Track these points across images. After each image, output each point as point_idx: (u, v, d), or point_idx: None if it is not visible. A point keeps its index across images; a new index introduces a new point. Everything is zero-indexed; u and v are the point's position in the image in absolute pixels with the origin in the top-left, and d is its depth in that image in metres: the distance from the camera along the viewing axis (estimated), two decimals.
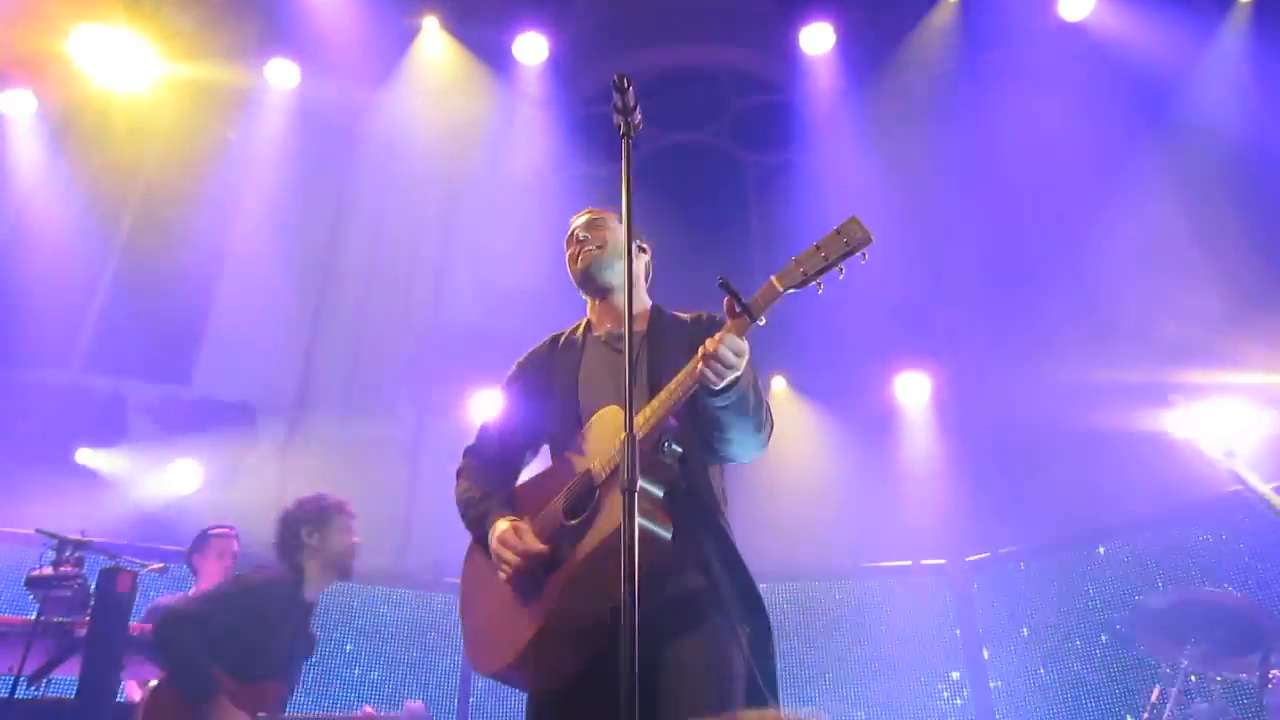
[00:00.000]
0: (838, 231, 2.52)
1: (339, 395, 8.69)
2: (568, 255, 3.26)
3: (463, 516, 2.96)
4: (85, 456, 7.48)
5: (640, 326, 3.01)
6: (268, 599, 4.19)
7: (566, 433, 2.84)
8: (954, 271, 8.74)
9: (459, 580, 2.94)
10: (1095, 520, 7.06)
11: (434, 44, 9.05)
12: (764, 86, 10.16)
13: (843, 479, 7.92)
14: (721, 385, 2.48)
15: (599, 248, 3.13)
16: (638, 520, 2.22)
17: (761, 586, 2.62)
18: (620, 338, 2.98)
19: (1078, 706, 6.50)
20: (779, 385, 8.69)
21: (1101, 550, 6.91)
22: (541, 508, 2.72)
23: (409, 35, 9.03)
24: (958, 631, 7.10)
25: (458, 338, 8.54)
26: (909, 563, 7.68)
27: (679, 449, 2.56)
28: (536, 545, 2.60)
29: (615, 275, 3.10)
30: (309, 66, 8.69)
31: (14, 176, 7.92)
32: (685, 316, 3.05)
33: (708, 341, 2.45)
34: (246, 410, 8.03)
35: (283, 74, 8.62)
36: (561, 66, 9.25)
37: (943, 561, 7.55)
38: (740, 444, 2.74)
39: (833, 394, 8.42)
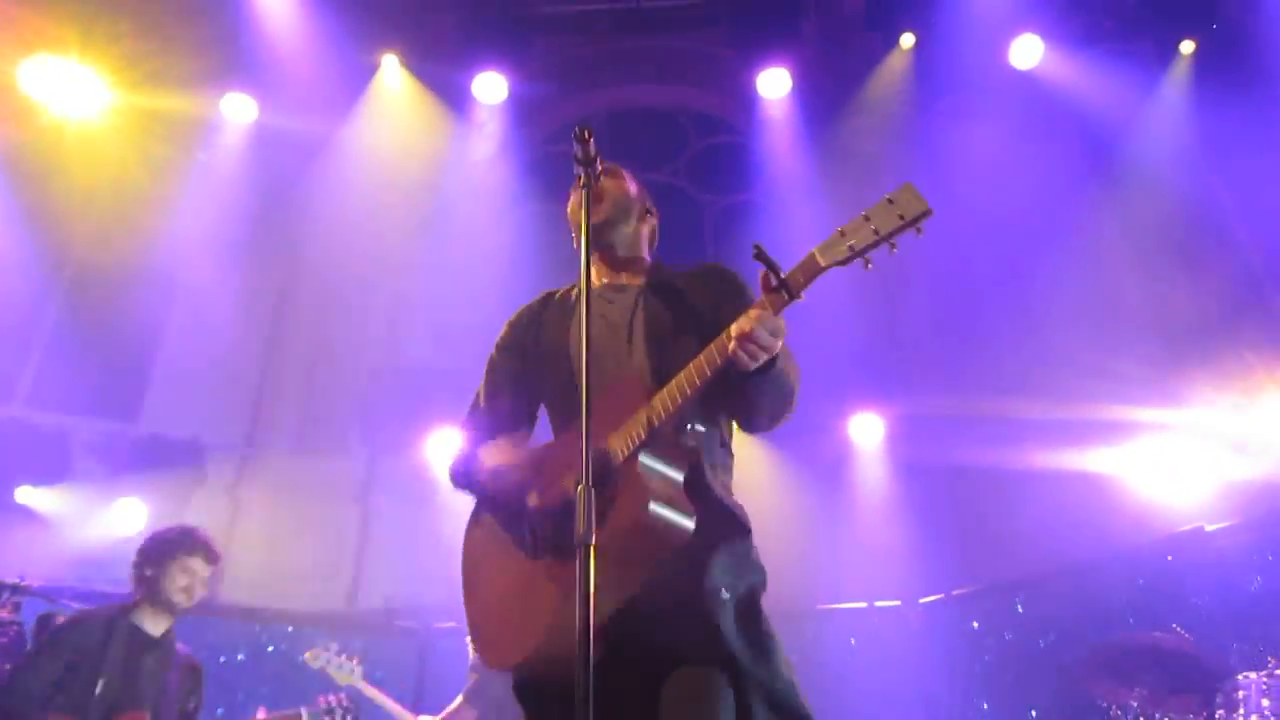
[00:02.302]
0: (890, 200, 2.33)
1: (290, 433, 8.56)
2: (576, 199, 2.87)
3: (486, 487, 2.67)
4: (25, 495, 7.28)
5: (637, 280, 2.85)
6: (82, 635, 4.07)
7: (565, 399, 2.67)
8: (906, 312, 8.83)
9: (461, 562, 2.74)
10: (1045, 561, 7.13)
11: (393, 81, 9.05)
12: (721, 128, 10.28)
13: (798, 520, 7.92)
14: (756, 367, 2.28)
15: (617, 202, 2.89)
16: (659, 510, 2.23)
17: None
18: (618, 289, 2.82)
19: None
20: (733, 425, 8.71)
21: (1051, 591, 6.96)
22: (554, 484, 2.46)
23: (368, 72, 9.02)
24: (911, 673, 7.10)
25: (412, 376, 8.46)
26: (864, 604, 7.68)
27: (703, 429, 2.45)
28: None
29: (621, 235, 2.90)
30: (266, 100, 8.64)
31: None
32: (687, 270, 2.89)
33: (741, 320, 2.26)
34: (195, 448, 7.89)
35: (239, 107, 8.57)
36: (520, 105, 9.29)
37: (898, 603, 7.56)
38: (772, 417, 2.62)
39: (787, 434, 8.40)
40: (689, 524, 2.30)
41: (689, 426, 2.43)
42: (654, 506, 2.25)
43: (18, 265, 7.79)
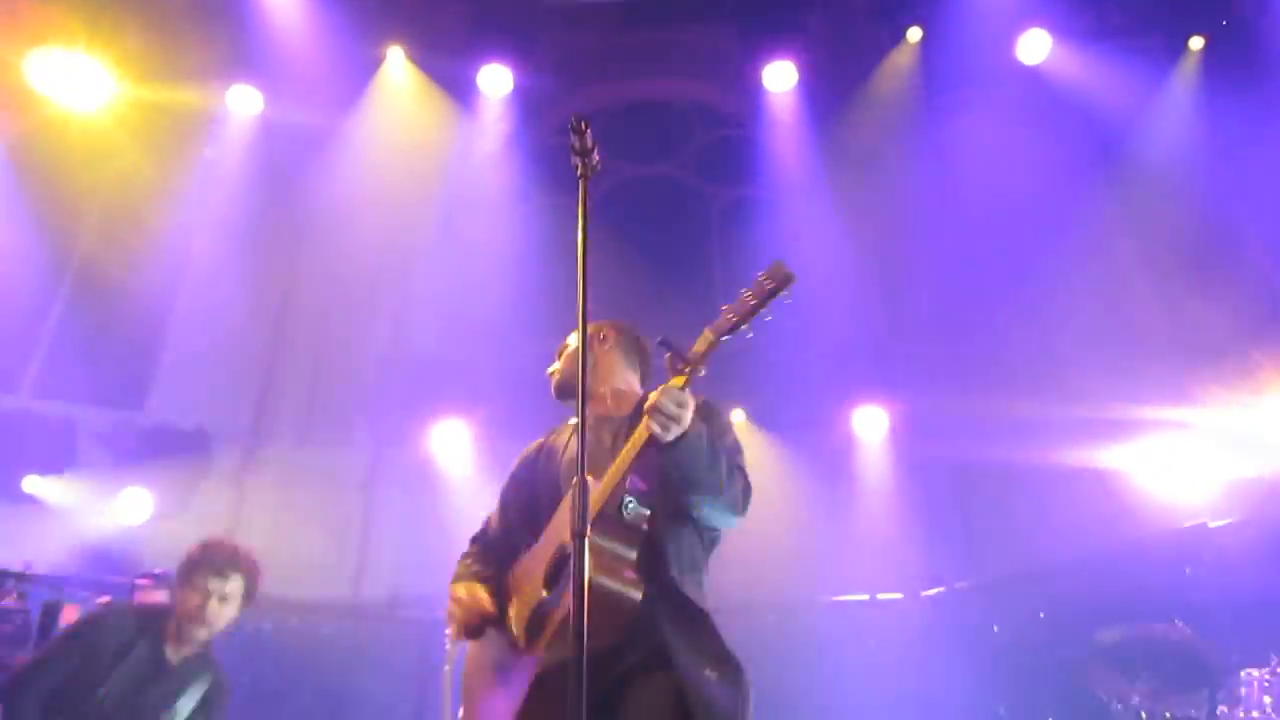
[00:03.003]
0: (765, 275, 2.64)
1: (296, 424, 8.59)
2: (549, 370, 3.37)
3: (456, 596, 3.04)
4: (32, 484, 7.31)
5: (626, 409, 3.09)
6: (100, 636, 3.82)
7: (549, 523, 2.93)
8: (912, 306, 8.83)
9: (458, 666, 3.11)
10: (1048, 555, 7.13)
11: (398, 74, 9.06)
12: (727, 122, 10.27)
13: (801, 513, 7.93)
14: (671, 438, 2.55)
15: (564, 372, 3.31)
16: (604, 581, 2.48)
17: (718, 617, 2.69)
18: (606, 419, 3.10)
19: None
20: (738, 418, 8.71)
21: (1054, 585, 6.96)
22: (525, 585, 2.85)
23: (374, 65, 9.02)
24: (913, 666, 7.11)
25: (417, 367, 8.49)
26: (867, 596, 7.69)
27: (645, 510, 2.64)
28: (483, 598, 2.86)
29: (590, 386, 2.96)
30: (272, 93, 8.65)
31: None
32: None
33: (650, 394, 2.57)
34: (201, 438, 7.91)
35: (245, 100, 8.58)
36: (526, 98, 9.29)
37: (900, 596, 7.57)
38: (710, 505, 2.79)
39: (792, 427, 8.44)
40: (635, 595, 2.55)
41: (626, 504, 2.63)
42: (597, 577, 2.46)
43: (24, 256, 7.82)
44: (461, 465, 8.54)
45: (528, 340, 8.63)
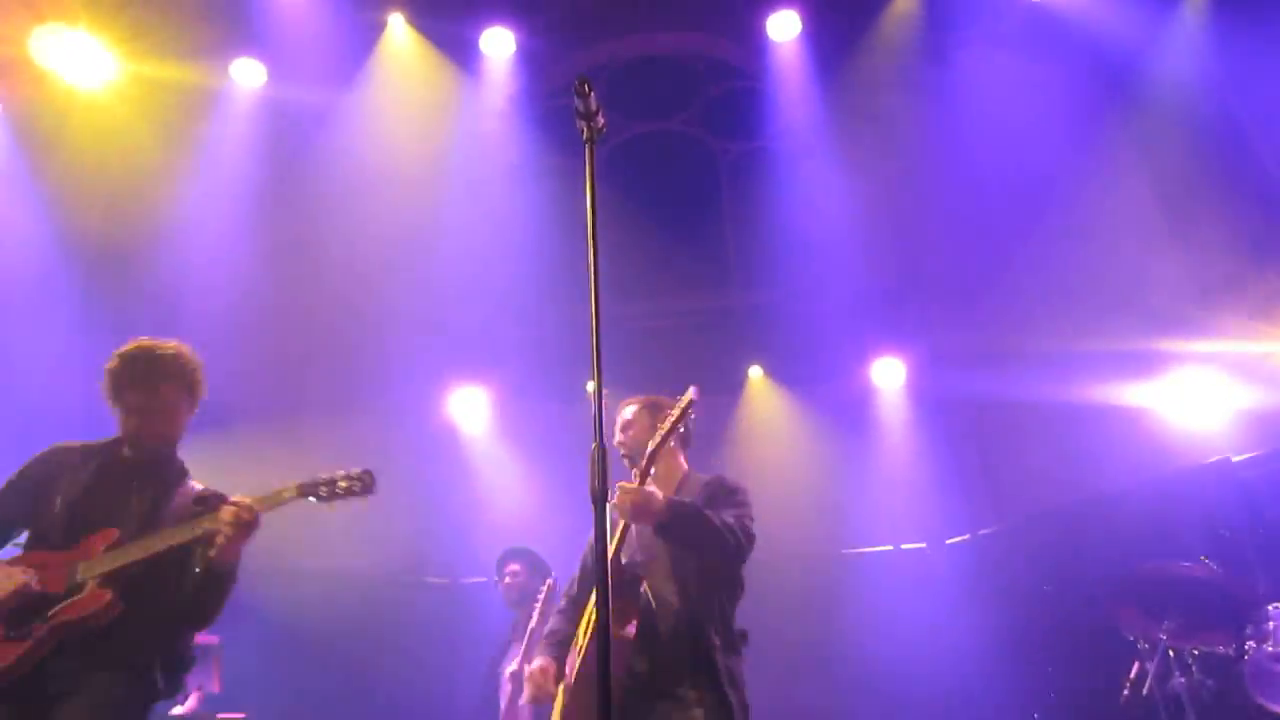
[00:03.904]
0: (682, 402, 3.40)
1: (314, 395, 8.62)
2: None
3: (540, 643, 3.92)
4: None
5: (670, 490, 3.70)
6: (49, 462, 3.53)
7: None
8: (924, 252, 8.76)
9: None
10: (1073, 496, 7.12)
11: (400, 40, 8.97)
12: (733, 73, 10.14)
13: (822, 466, 7.94)
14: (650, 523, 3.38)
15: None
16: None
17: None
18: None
19: (1058, 683, 6.55)
20: (755, 374, 8.70)
21: (1077, 526, 6.95)
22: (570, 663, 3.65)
23: (375, 31, 8.94)
24: (939, 615, 7.14)
25: (434, 335, 8.49)
26: (890, 547, 7.72)
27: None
28: (550, 688, 3.63)
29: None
30: (275, 64, 8.59)
31: None
32: (703, 480, 3.83)
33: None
34: (221, 413, 7.93)
35: (248, 72, 8.52)
36: (529, 59, 9.20)
37: (923, 545, 7.59)
38: (710, 553, 3.52)
39: (809, 381, 8.43)
40: (641, 669, 3.41)
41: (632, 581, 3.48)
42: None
43: (42, 238, 7.84)
44: (481, 431, 8.58)
45: (543, 305, 8.63)
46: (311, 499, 3.33)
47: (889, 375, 8.35)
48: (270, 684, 6.87)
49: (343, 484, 3.38)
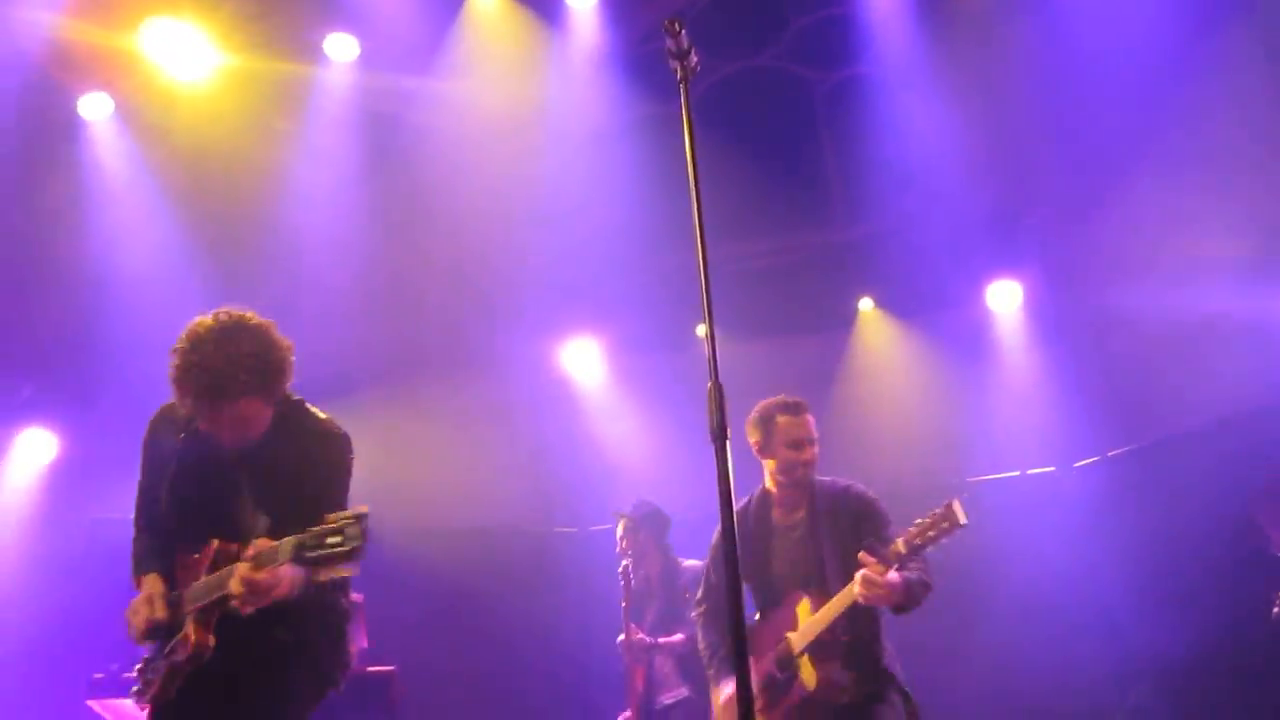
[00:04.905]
0: (944, 511, 3.73)
1: (431, 356, 8.85)
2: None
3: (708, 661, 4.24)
4: None
5: (802, 504, 4.06)
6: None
7: (763, 598, 4.14)
8: (1039, 171, 8.45)
9: None
10: (1207, 413, 6.84)
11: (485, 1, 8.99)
12: (820, 1, 9.86)
13: (943, 395, 7.81)
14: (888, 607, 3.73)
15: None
16: (819, 690, 3.75)
17: None
18: (795, 525, 4.12)
19: (1197, 610, 6.35)
20: (866, 307, 8.57)
21: (1212, 444, 6.67)
22: (763, 653, 3.97)
23: None
24: (1068, 540, 6.98)
25: (542, 289, 8.60)
26: (1016, 473, 7.56)
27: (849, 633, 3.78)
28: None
29: None
30: (366, 36, 8.71)
31: (102, 180, 8.16)
32: (837, 487, 4.08)
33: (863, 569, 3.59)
34: (345, 380, 8.21)
35: (342, 47, 8.66)
36: (613, 7, 9.12)
37: (1051, 469, 7.41)
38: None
39: (923, 310, 8.27)
40: (843, 698, 3.79)
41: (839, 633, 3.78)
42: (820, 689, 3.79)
43: (163, 227, 8.19)
44: (595, 381, 8.69)
45: (648, 253, 8.64)
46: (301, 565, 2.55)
47: (1006, 299, 8.11)
48: (413, 639, 7.17)
49: (331, 540, 2.44)
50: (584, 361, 8.68)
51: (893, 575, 3.57)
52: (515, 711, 7.58)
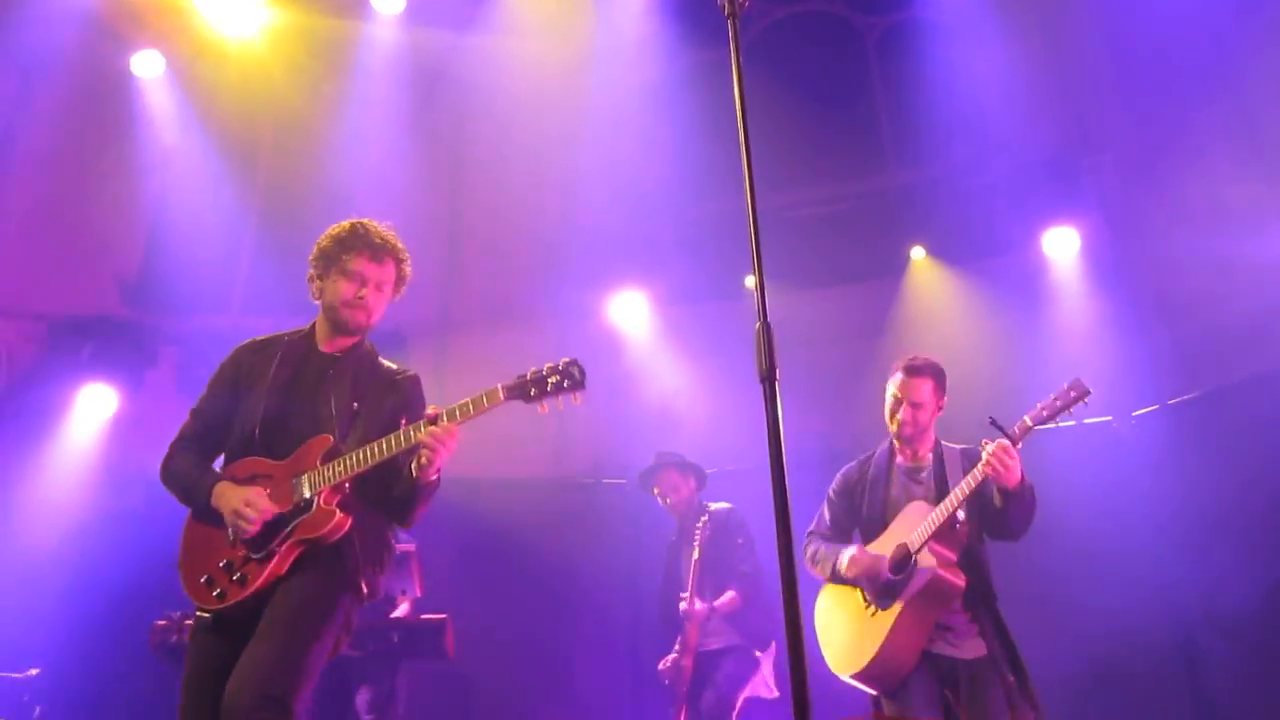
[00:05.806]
0: (1068, 388, 4.05)
1: (480, 310, 8.89)
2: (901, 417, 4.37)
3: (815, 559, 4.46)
4: None
5: (927, 453, 4.40)
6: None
7: (874, 528, 4.33)
8: (1097, 114, 8.21)
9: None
10: (1269, 360, 6.66)
11: None
12: None
13: (994, 343, 7.68)
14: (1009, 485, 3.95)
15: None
16: (939, 572, 3.93)
17: None
18: (918, 470, 4.43)
19: (1261, 561, 6.23)
20: (918, 255, 8.43)
21: (1277, 391, 6.50)
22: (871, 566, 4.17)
23: None
24: (1128, 490, 6.86)
25: (590, 241, 8.57)
26: (1073, 422, 7.42)
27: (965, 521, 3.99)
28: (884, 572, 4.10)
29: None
30: None
31: (156, 136, 8.25)
32: (956, 449, 4.40)
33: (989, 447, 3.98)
34: (398, 336, 8.30)
35: (388, 1, 8.61)
36: None
37: (1109, 419, 7.28)
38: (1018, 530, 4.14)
39: (975, 257, 8.11)
40: (960, 583, 3.97)
41: (954, 524, 3.98)
42: (939, 571, 3.95)
43: (216, 183, 8.27)
44: (643, 333, 8.68)
45: (696, 203, 8.56)
46: (520, 401, 3.18)
47: (1062, 245, 7.92)
48: (464, 588, 7.28)
49: (552, 379, 3.15)
50: (632, 313, 8.66)
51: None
52: (564, 659, 7.69)
